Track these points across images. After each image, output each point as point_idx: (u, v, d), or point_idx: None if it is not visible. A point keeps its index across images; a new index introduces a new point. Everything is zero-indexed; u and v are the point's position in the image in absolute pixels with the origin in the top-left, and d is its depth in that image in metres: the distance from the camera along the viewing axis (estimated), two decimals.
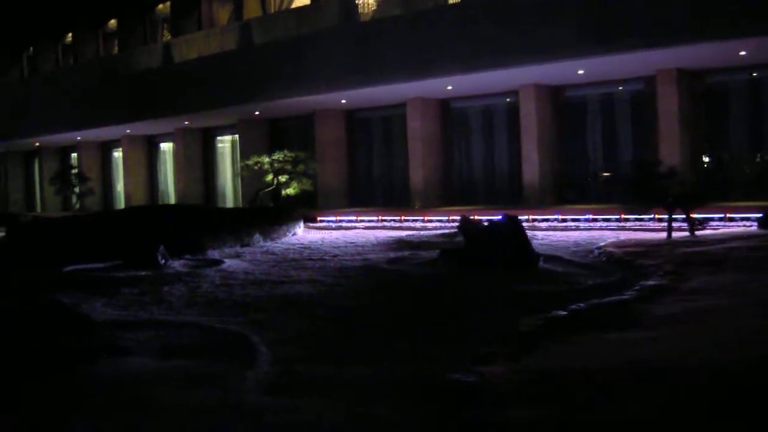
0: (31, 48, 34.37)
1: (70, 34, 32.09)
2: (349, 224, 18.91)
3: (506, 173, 20.31)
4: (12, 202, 33.44)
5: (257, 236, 15.24)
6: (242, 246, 14.74)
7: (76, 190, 24.97)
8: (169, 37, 27.77)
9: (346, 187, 22.39)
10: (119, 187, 29.90)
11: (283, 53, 19.96)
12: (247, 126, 24.01)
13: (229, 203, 26.01)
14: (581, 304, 6.87)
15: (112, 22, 30.10)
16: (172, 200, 28.28)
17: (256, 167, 18.56)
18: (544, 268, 9.57)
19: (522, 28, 16.32)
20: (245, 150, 24.01)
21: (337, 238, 16.04)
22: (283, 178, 18.60)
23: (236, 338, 6.02)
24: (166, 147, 28.78)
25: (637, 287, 7.81)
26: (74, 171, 25.38)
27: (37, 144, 31.16)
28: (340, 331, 6.57)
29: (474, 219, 15.66)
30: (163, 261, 11.43)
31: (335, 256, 12.60)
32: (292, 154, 18.86)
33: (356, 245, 14.30)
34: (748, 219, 13.98)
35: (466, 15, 17.21)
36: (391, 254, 12.18)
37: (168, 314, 7.43)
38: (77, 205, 24.96)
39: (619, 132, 18.71)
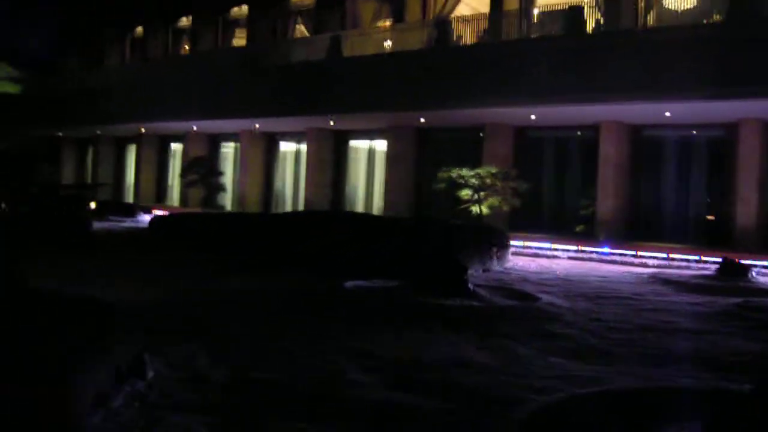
0: (136, 31, 32.87)
1: (184, 19, 30.55)
2: (544, 252, 17.31)
3: (703, 211, 18.73)
4: (100, 189, 31.67)
5: (495, 260, 13.67)
6: (483, 270, 13.16)
7: (211, 183, 23.18)
8: (305, 31, 26.28)
9: (510, 210, 20.73)
10: (229, 184, 28.18)
11: (481, 59, 18.42)
12: (398, 133, 22.42)
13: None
14: None
15: (236, 10, 28.59)
16: (288, 205, 26.61)
17: (460, 180, 16.85)
18: None
19: None
20: (393, 158, 22.48)
21: (567, 269, 14.43)
22: (482, 195, 16.92)
23: None
24: (288, 147, 27.10)
25: None
26: (210, 163, 23.57)
27: (143, 130, 29.48)
28: None
29: (737, 262, 14.07)
30: (471, 287, 9.77)
31: (639, 295, 10.94)
32: (503, 170, 17.22)
33: (613, 280, 12.73)
34: None
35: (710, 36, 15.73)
36: (699, 299, 10.52)
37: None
38: (218, 201, 23.12)
39: None
